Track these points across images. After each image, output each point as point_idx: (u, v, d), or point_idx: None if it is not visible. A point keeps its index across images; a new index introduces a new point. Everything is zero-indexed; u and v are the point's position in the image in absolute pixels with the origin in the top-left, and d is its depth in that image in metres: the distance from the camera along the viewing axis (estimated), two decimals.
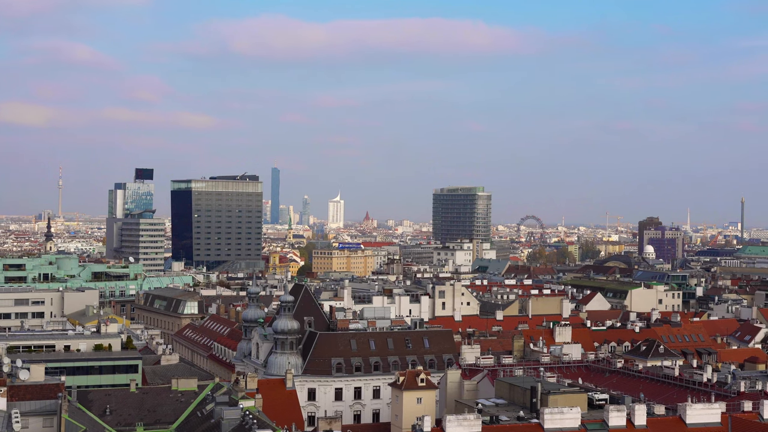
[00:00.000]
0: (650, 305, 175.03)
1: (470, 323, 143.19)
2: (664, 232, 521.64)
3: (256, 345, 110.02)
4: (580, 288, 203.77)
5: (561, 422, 60.89)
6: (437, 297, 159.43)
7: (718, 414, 63.61)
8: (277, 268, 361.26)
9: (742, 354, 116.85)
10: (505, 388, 75.26)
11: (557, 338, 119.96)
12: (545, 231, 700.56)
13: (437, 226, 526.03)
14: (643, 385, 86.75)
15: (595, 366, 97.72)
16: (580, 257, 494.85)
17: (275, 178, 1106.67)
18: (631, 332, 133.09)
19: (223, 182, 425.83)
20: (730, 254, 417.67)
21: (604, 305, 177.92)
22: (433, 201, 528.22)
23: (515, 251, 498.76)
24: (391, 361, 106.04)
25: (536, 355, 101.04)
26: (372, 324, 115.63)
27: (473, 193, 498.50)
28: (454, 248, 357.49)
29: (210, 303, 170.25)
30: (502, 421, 64.29)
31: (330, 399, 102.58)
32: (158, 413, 74.78)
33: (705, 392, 79.11)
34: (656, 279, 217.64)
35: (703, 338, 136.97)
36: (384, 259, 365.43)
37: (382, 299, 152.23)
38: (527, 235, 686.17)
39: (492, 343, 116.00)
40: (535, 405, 68.10)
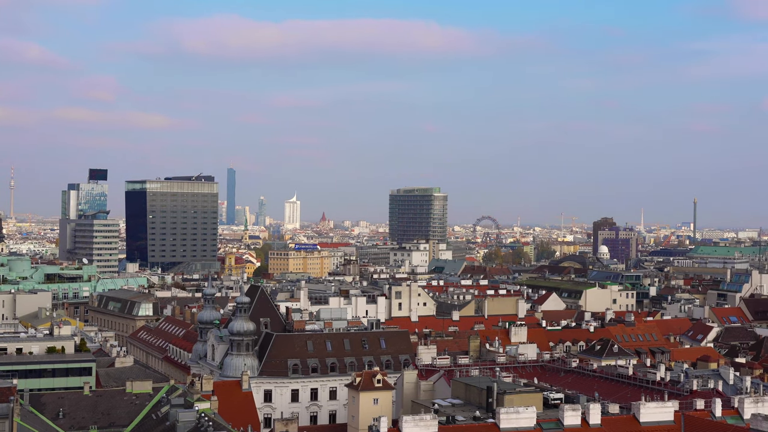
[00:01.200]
0: (604, 305, 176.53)
1: (426, 324, 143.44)
2: (619, 232, 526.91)
3: (212, 347, 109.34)
4: (535, 288, 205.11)
5: (517, 422, 61.18)
6: (394, 298, 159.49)
7: (671, 412, 64.26)
8: (232, 269, 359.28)
9: (695, 353, 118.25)
10: (461, 389, 75.46)
11: (513, 338, 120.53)
12: (501, 231, 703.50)
13: (394, 226, 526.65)
14: (598, 384, 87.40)
15: (551, 366, 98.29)
16: (535, 257, 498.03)
17: (231, 178, 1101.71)
18: (586, 332, 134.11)
19: (178, 183, 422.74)
20: (682, 254, 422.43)
21: (559, 305, 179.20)
22: (390, 202, 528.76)
23: (471, 252, 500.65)
24: (348, 362, 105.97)
25: (492, 355, 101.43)
26: (328, 325, 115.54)
27: (429, 194, 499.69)
28: (410, 249, 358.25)
29: (165, 305, 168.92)
30: (458, 421, 64.45)
31: (286, 400, 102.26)
32: (112, 416, 74.01)
33: (658, 391, 79.90)
34: (610, 279, 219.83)
35: (657, 337, 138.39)
36: (340, 260, 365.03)
37: (339, 300, 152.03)
38: (483, 236, 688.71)
39: (448, 344, 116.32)
40: (491, 405, 68.36)
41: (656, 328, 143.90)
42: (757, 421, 59.70)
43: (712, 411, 66.61)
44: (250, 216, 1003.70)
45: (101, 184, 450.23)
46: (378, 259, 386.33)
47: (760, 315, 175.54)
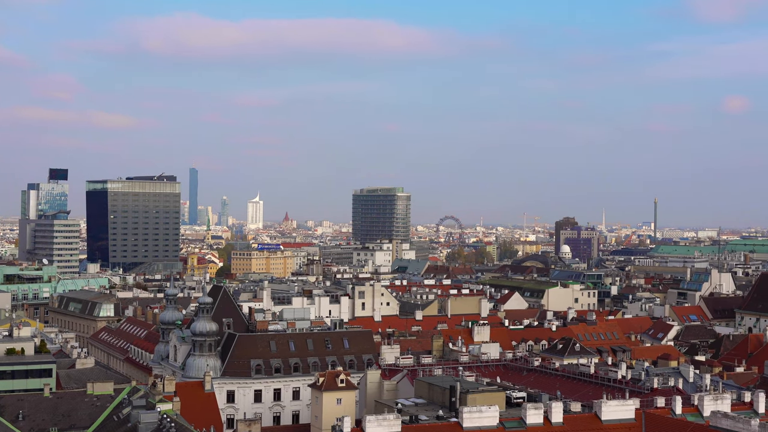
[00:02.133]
0: (566, 304, 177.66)
1: (390, 323, 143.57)
2: (580, 232, 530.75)
3: (174, 347, 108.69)
4: (498, 287, 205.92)
5: (480, 421, 61.34)
6: (357, 297, 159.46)
7: (632, 410, 64.75)
8: (195, 269, 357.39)
9: (656, 351, 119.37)
10: (424, 388, 75.55)
11: (476, 337, 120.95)
12: (464, 231, 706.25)
13: (357, 226, 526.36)
14: (560, 382, 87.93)
15: (513, 364, 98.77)
16: (498, 257, 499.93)
17: (193, 178, 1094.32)
18: (548, 331, 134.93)
19: (140, 183, 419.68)
20: (643, 254, 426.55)
21: (522, 304, 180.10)
22: (353, 202, 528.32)
23: (434, 251, 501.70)
24: (311, 362, 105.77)
25: (455, 354, 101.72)
26: (291, 325, 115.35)
27: (393, 194, 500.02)
28: (373, 249, 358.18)
29: (126, 305, 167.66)
30: (421, 420, 64.52)
31: (249, 401, 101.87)
32: (73, 418, 73.30)
33: (619, 389, 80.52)
34: (572, 278, 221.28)
35: (618, 336, 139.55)
36: (304, 260, 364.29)
37: (302, 300, 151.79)
38: (446, 236, 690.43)
39: (411, 343, 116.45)
40: (454, 404, 68.49)
41: (617, 327, 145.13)
42: (717, 418, 60.34)
43: (672, 409, 67.23)
44: (212, 216, 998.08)
45: (61, 183, 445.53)
46: (341, 259, 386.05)
47: (720, 313, 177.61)
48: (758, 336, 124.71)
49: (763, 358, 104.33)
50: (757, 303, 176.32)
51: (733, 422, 58.81)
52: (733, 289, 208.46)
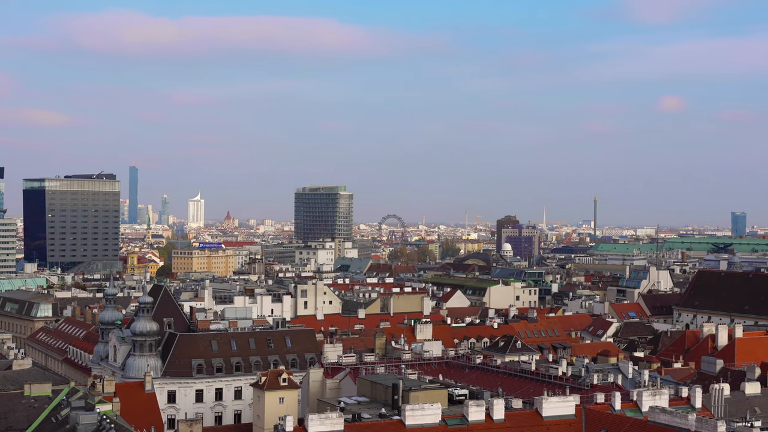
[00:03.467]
0: (508, 302, 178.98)
1: (332, 322, 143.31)
2: (521, 230, 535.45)
3: (114, 348, 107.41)
4: (440, 286, 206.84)
5: (422, 418, 61.50)
6: (299, 296, 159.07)
7: (572, 406, 65.42)
8: (135, 268, 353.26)
9: (595, 348, 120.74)
10: (367, 386, 75.55)
11: (418, 335, 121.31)
12: (406, 230, 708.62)
13: (299, 225, 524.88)
14: (502, 379, 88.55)
15: (455, 362, 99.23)
16: (440, 255, 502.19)
17: (133, 176, 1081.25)
18: (490, 328, 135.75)
19: (78, 181, 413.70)
20: (583, 251, 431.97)
21: (464, 302, 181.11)
22: (295, 200, 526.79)
23: (377, 250, 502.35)
24: (253, 361, 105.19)
25: (398, 352, 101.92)
26: (233, 324, 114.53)
27: (335, 193, 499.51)
28: (316, 247, 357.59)
29: (65, 305, 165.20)
30: (364, 418, 64.50)
31: (191, 401, 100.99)
32: (10, 420, 71.96)
33: (560, 385, 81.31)
34: (514, 276, 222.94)
35: (559, 333, 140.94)
36: (245, 259, 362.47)
37: (244, 299, 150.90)
38: (389, 234, 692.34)
39: (354, 342, 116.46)
40: (396, 402, 68.59)
41: (558, 324, 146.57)
42: (655, 413, 61.19)
43: (611, 404, 68.07)
44: (153, 215, 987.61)
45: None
46: (283, 257, 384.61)
47: (658, 310, 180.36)
48: (695, 332, 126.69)
49: (699, 354, 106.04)
50: (694, 300, 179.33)
51: (671, 417, 59.70)
52: (671, 286, 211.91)
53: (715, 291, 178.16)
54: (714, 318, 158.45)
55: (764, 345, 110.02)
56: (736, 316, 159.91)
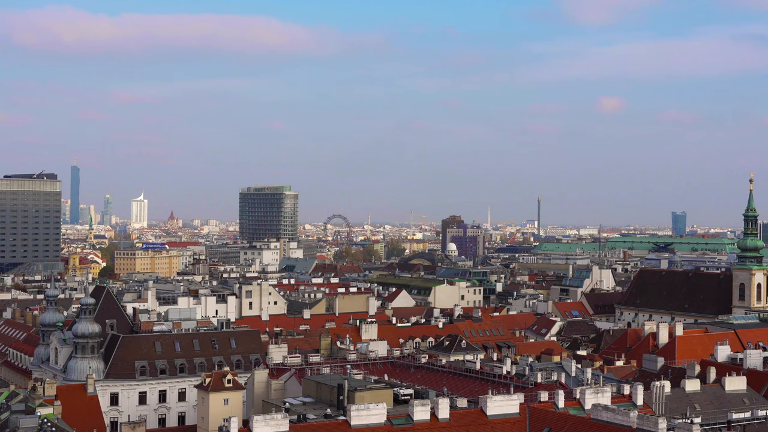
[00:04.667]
0: (453, 301, 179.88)
1: (277, 322, 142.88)
2: (466, 230, 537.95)
3: (55, 350, 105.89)
4: (386, 285, 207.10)
5: (367, 418, 61.56)
6: (244, 297, 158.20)
7: (516, 405, 65.91)
8: (77, 269, 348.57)
9: (539, 346, 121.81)
10: (312, 387, 75.44)
11: (364, 335, 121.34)
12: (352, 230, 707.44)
13: (244, 225, 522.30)
14: (447, 379, 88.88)
15: (401, 362, 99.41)
16: (385, 255, 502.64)
17: (75, 176, 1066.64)
18: (435, 328, 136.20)
19: (18, 181, 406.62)
20: (527, 251, 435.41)
21: (409, 302, 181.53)
22: (240, 200, 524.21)
23: (322, 250, 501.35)
24: (197, 362, 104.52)
25: (343, 352, 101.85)
26: (177, 325, 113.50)
27: (280, 193, 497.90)
28: (261, 248, 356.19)
29: (4, 307, 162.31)
30: (309, 419, 64.40)
31: (134, 403, 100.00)
32: None
33: (504, 384, 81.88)
34: (458, 276, 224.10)
35: (503, 332, 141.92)
36: (190, 260, 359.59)
37: (188, 300, 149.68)
38: (334, 234, 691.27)
39: (299, 342, 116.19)
40: (342, 402, 68.57)
41: (502, 323, 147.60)
42: (597, 410, 61.91)
43: (555, 402, 68.72)
44: (95, 215, 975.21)
45: None
46: (228, 258, 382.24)
47: (600, 309, 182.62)
48: (637, 331, 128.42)
49: (641, 352, 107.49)
50: (635, 298, 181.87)
51: (613, 414, 60.46)
52: (613, 285, 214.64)
53: (656, 290, 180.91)
54: (655, 316, 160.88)
55: (704, 343, 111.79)
56: (677, 315, 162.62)
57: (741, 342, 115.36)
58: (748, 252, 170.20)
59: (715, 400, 76.64)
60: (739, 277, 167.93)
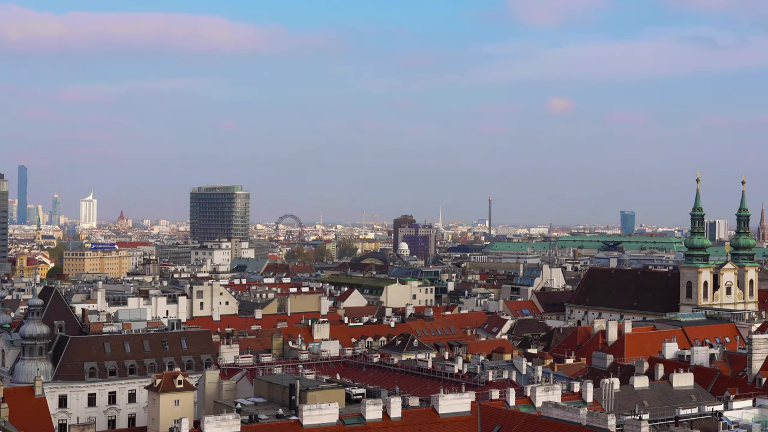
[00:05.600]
0: (405, 300, 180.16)
1: (229, 323, 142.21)
2: (418, 229, 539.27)
3: (2, 352, 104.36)
4: (338, 285, 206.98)
5: (319, 418, 61.48)
6: (195, 297, 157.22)
7: (468, 403, 66.20)
8: (24, 270, 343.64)
9: (491, 345, 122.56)
10: (264, 387, 75.21)
11: (316, 335, 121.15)
12: (303, 229, 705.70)
13: (195, 225, 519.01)
14: (398, 378, 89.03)
15: (353, 361, 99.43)
16: (337, 255, 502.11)
17: (22, 176, 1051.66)
18: (387, 327, 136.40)
19: None
20: (478, 250, 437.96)
21: (361, 301, 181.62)
22: (191, 200, 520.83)
23: (274, 250, 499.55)
24: (148, 363, 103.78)
25: (295, 352, 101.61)
26: (127, 326, 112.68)
27: (231, 192, 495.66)
28: (212, 247, 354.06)
29: None
30: (261, 419, 64.20)
31: (83, 405, 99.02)
32: None
33: (456, 383, 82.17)
34: (410, 275, 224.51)
35: (455, 331, 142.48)
36: (140, 260, 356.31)
37: (138, 301, 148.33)
38: (286, 234, 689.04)
39: (251, 342, 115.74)
40: (294, 402, 68.44)
41: (454, 322, 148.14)
42: (548, 408, 62.44)
43: (506, 401, 69.18)
44: (43, 215, 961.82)
45: None
46: (179, 258, 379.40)
47: (551, 307, 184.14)
48: (586, 329, 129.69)
49: (591, 350, 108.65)
50: (585, 297, 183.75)
51: (563, 412, 61.02)
52: (563, 283, 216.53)
53: (606, 288, 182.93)
54: (604, 314, 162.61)
55: (652, 340, 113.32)
56: (626, 312, 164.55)
57: (688, 339, 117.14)
58: (695, 250, 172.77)
59: (663, 397, 77.68)
60: (687, 276, 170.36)
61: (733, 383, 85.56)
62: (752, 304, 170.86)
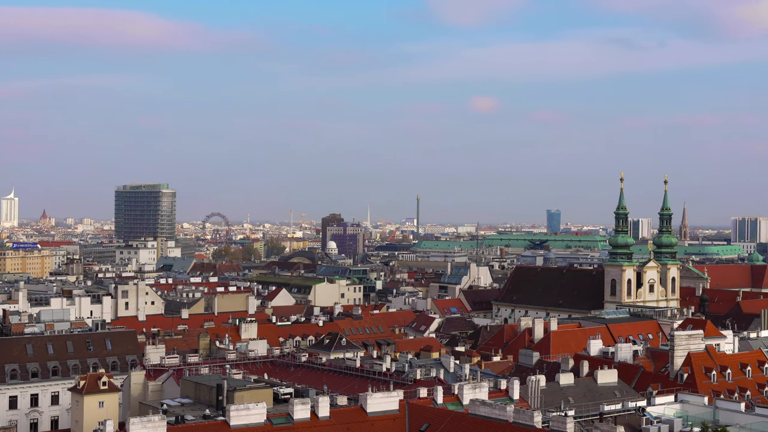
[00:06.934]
0: (333, 299, 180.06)
1: (155, 323, 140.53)
2: (346, 228, 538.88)
3: None
4: (265, 284, 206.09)
5: (247, 418, 61.03)
6: (120, 297, 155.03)
7: (396, 401, 66.33)
8: None
9: (419, 343, 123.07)
10: (190, 388, 74.48)
11: (243, 335, 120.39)
12: (231, 228, 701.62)
13: (120, 224, 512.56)
14: (327, 377, 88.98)
15: (281, 361, 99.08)
16: (265, 254, 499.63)
17: None
18: (315, 326, 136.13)
19: None
20: (407, 249, 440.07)
21: (289, 301, 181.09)
22: (116, 198, 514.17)
23: (201, 249, 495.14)
24: (71, 365, 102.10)
25: (222, 352, 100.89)
26: (50, 327, 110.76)
27: (157, 191, 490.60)
28: (137, 247, 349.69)
29: None
30: (187, 420, 63.54)
31: (4, 408, 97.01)
32: None
33: (384, 381, 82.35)
34: (339, 274, 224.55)
35: (383, 329, 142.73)
36: (63, 259, 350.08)
37: (61, 301, 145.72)
38: (213, 233, 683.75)
39: (177, 342, 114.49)
40: (221, 402, 67.91)
41: (382, 321, 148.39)
42: (475, 405, 62.88)
43: (434, 398, 69.49)
44: None
45: None
46: (103, 257, 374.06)
47: (478, 305, 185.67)
48: (513, 326, 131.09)
49: (517, 347, 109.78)
50: (512, 295, 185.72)
51: (490, 409, 61.51)
52: (490, 282, 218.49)
53: (532, 286, 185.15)
54: (531, 312, 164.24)
55: (577, 337, 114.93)
56: (552, 310, 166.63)
57: (612, 336, 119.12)
58: (619, 249, 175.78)
59: (588, 393, 78.86)
60: (611, 273, 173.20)
61: (655, 379, 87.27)
62: (674, 301, 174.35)
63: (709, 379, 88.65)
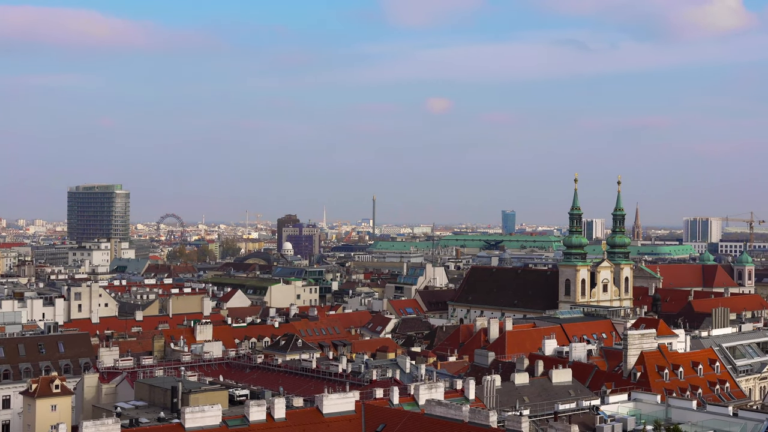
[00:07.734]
0: (289, 300, 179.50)
1: (108, 325, 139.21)
2: (302, 229, 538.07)
3: None
4: (221, 285, 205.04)
5: (202, 420, 60.75)
6: (73, 299, 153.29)
7: (352, 402, 66.41)
8: None
9: (375, 344, 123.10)
10: (145, 390, 73.98)
11: (198, 336, 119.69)
12: (186, 229, 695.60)
13: (73, 225, 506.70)
14: (283, 378, 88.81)
15: (236, 362, 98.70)
16: (220, 255, 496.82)
17: None
18: (271, 327, 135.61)
19: None
20: (363, 250, 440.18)
21: (245, 302, 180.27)
22: (68, 199, 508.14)
23: (155, 250, 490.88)
24: (23, 368, 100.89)
25: (177, 354, 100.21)
26: (1, 330, 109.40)
27: (111, 192, 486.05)
28: (90, 248, 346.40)
29: None
30: (142, 423, 63.13)
31: None
32: None
33: (340, 382, 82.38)
34: (294, 275, 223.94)
35: (339, 330, 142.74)
36: (14, 261, 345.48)
37: (12, 303, 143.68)
38: (167, 234, 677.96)
39: (131, 345, 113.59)
40: (176, 405, 67.54)
41: (338, 322, 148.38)
42: (431, 406, 63.12)
43: (390, 399, 69.66)
44: None
45: None
46: (56, 259, 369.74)
47: (434, 306, 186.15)
48: (469, 326, 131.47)
49: (473, 347, 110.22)
50: (467, 295, 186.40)
51: (446, 409, 61.78)
52: (446, 282, 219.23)
53: (487, 286, 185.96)
54: (486, 312, 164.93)
55: (532, 337, 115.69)
56: (507, 310, 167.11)
57: (567, 335, 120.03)
58: (573, 249, 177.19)
59: (542, 392, 79.50)
60: (565, 273, 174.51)
61: (609, 378, 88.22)
62: (627, 300, 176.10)
63: (661, 378, 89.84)
